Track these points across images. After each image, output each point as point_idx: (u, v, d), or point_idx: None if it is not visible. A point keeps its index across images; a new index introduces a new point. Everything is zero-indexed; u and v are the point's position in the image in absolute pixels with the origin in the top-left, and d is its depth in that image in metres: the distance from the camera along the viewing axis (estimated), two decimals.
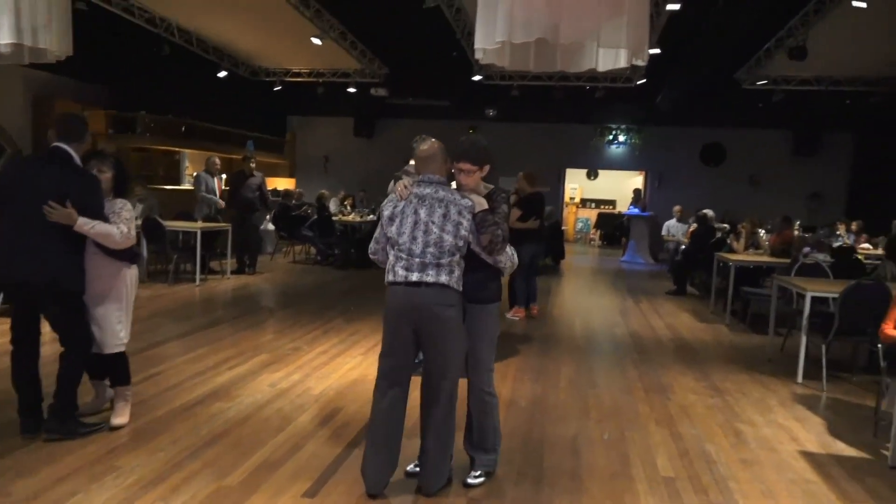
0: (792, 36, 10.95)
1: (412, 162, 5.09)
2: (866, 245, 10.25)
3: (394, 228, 3.06)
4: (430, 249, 2.97)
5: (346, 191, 14.61)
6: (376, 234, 3.21)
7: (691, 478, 3.49)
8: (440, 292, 2.98)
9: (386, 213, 3.12)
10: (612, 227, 18.14)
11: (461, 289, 3.06)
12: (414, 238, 3.00)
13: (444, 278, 2.98)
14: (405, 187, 3.09)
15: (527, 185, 7.40)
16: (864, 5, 8.46)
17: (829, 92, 13.84)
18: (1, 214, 3.52)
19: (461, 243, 3.01)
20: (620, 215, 17.05)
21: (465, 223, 3.00)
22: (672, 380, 5.34)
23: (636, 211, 14.55)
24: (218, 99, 15.04)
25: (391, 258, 3.09)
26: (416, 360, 3.19)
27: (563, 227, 15.49)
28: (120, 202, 3.72)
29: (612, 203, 19.95)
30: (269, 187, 12.72)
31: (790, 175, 16.25)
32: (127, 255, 3.73)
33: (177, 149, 14.29)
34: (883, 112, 14.18)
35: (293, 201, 12.94)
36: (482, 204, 3.07)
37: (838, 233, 10.34)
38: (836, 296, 5.17)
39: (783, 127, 16.00)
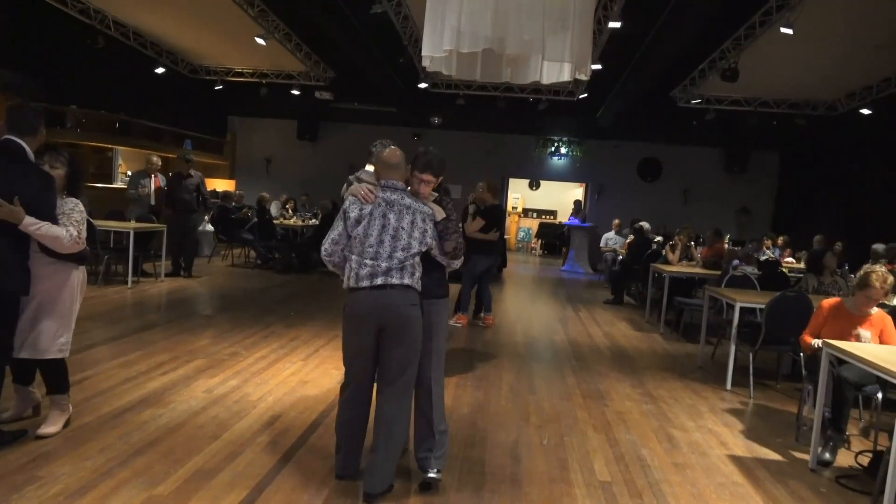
0: (724, 58, 11.48)
1: (368, 167, 5.10)
2: (790, 259, 10.80)
3: (360, 231, 3.09)
4: (398, 254, 3.08)
5: (287, 194, 14.37)
6: (334, 235, 3.18)
7: (627, 482, 3.58)
8: (404, 293, 3.10)
9: (352, 215, 3.12)
10: (553, 237, 18.51)
11: (420, 289, 3.19)
12: (381, 242, 3.07)
13: (407, 280, 3.10)
14: (370, 192, 3.12)
15: (489, 197, 7.44)
16: (790, 32, 8.94)
17: (757, 112, 14.57)
18: None
19: (424, 249, 3.18)
20: (561, 225, 17.43)
21: (430, 230, 3.18)
22: (609, 387, 5.47)
23: (576, 222, 14.89)
24: (155, 96, 14.56)
25: (353, 263, 3.10)
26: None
27: (505, 237, 15.69)
28: (72, 202, 3.54)
29: (554, 213, 20.36)
30: (209, 188, 12.39)
31: (721, 190, 16.99)
32: (74, 257, 3.53)
33: (109, 146, 13.73)
34: (806, 133, 15.03)
35: (233, 203, 12.65)
36: (440, 212, 3.23)
37: (765, 247, 10.85)
38: (762, 306, 5.42)
39: (715, 144, 16.73)
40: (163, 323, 6.60)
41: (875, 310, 4.27)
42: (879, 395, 4.00)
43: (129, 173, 10.96)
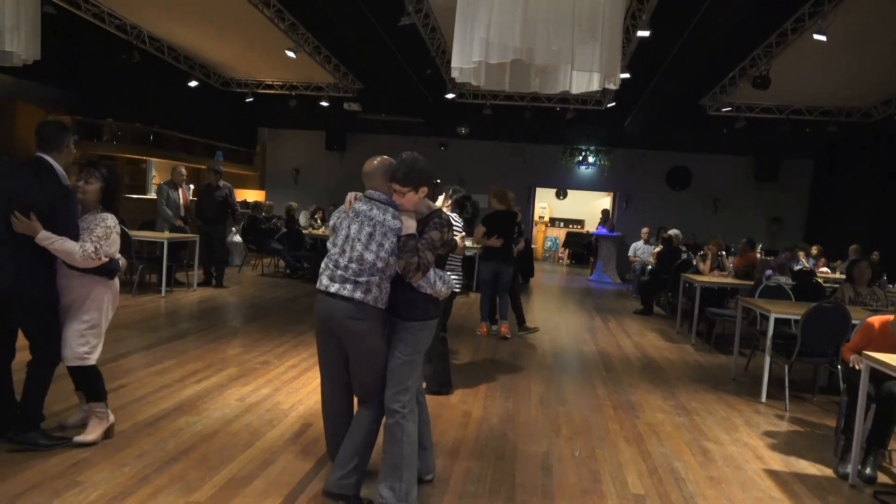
0: (755, 65, 11.33)
1: None
2: (825, 269, 10.58)
3: (331, 238, 3.17)
4: (352, 265, 3.01)
5: (316, 204, 14.53)
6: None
7: (661, 495, 3.53)
8: (352, 307, 2.99)
9: (331, 222, 3.22)
10: (581, 247, 18.38)
11: (381, 306, 3.04)
12: (343, 251, 3.06)
13: (358, 295, 2.99)
14: (349, 201, 3.15)
15: (495, 203, 7.44)
16: (824, 39, 8.80)
17: (790, 120, 14.33)
18: None
19: (381, 264, 2.99)
20: (588, 235, 17.32)
21: (388, 245, 2.98)
22: (640, 398, 5.41)
23: (604, 231, 14.76)
24: (188, 108, 14.87)
25: (322, 265, 3.16)
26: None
27: (532, 246, 15.65)
28: (100, 217, 3.58)
29: (581, 223, 20.23)
30: (239, 199, 12.56)
31: (752, 199, 16.72)
32: (100, 271, 3.58)
33: (144, 157, 14.04)
34: (841, 141, 14.73)
35: (262, 214, 12.82)
36: (410, 228, 2.99)
37: (800, 257, 10.64)
38: (798, 317, 5.32)
39: (745, 153, 16.49)
40: (195, 332, 6.71)
41: None
42: None
43: (157, 185, 11.17)
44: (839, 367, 4.50)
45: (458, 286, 5.08)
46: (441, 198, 5.18)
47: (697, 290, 7.83)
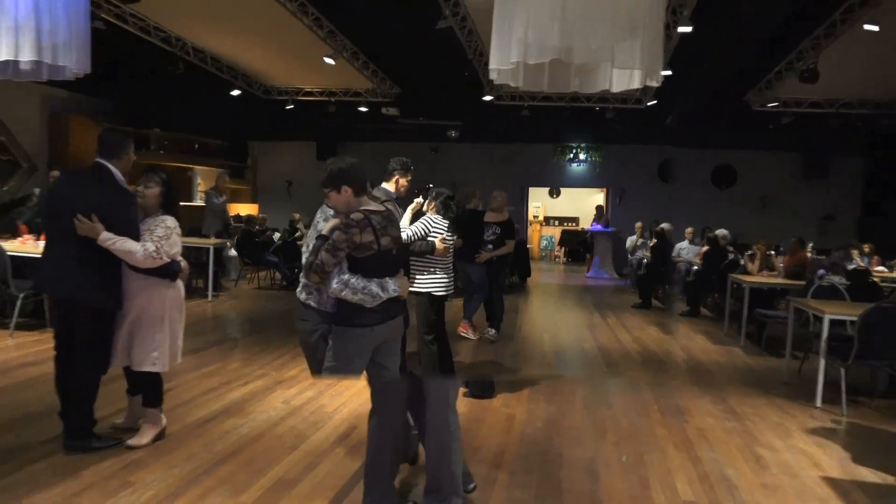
0: (802, 59, 10.98)
1: (384, 184, 5.12)
2: (881, 268, 10.17)
3: None
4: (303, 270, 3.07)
5: (311, 217, 14.53)
6: None
7: (713, 503, 3.43)
8: (299, 307, 3.14)
9: None
10: (576, 244, 18.16)
11: (326, 308, 3.02)
12: None
13: (303, 296, 3.12)
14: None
15: (471, 204, 7.39)
16: (876, 29, 8.47)
17: (839, 114, 13.84)
18: (48, 229, 3.57)
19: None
20: (584, 232, 17.13)
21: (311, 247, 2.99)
22: (689, 402, 5.27)
23: (599, 227, 14.63)
24: (231, 116, 15.16)
25: None
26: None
27: (528, 246, 15.50)
28: (160, 219, 3.67)
29: (576, 220, 20.06)
30: (231, 213, 12.60)
31: (800, 197, 16.21)
32: (162, 273, 3.66)
33: (189, 165, 14.39)
34: (892, 135, 14.16)
35: (256, 227, 12.84)
36: (325, 229, 2.97)
37: (855, 256, 10.24)
38: (854, 318, 5.11)
39: (793, 149, 15.99)
40: (240, 336, 6.82)
41: None
42: None
43: (204, 191, 11.39)
44: None
45: (442, 290, 4.95)
46: (422, 201, 5.05)
47: (746, 290, 7.60)
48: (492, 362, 6.37)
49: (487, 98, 14.12)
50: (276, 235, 12.25)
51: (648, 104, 13.79)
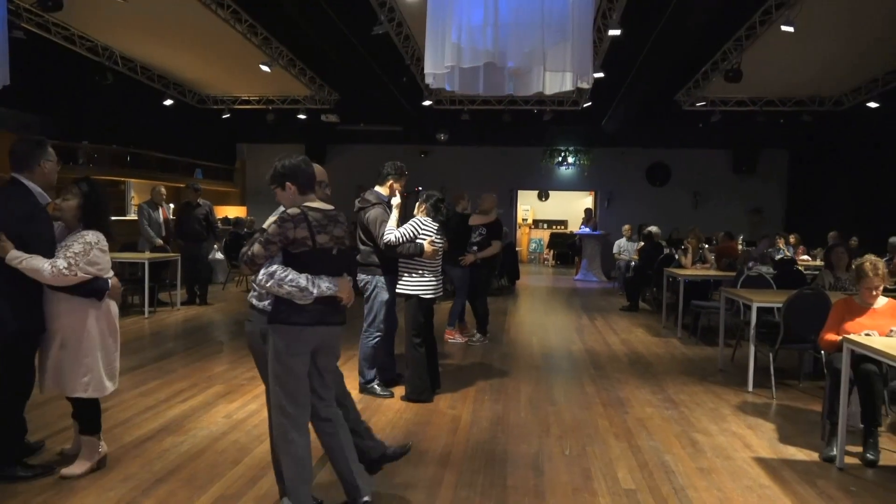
0: (727, 59, 11.47)
1: (377, 188, 5.17)
2: (805, 257, 10.70)
3: None
4: None
5: None
6: None
7: (652, 489, 3.54)
8: (250, 310, 3.13)
9: None
10: (565, 247, 18.47)
11: (266, 309, 2.99)
12: None
13: (253, 295, 3.10)
14: None
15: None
16: (791, 29, 8.93)
17: (764, 111, 14.51)
18: None
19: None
20: (572, 235, 17.38)
21: None
22: (629, 394, 5.42)
23: (587, 230, 14.86)
24: (165, 127, 14.77)
25: None
26: None
27: (517, 249, 15.69)
28: (80, 235, 3.42)
29: (564, 223, 20.35)
30: (220, 216, 12.49)
31: (731, 191, 16.89)
32: (86, 293, 3.43)
33: (122, 178, 13.92)
34: (815, 130, 14.94)
35: (245, 230, 12.73)
36: (268, 223, 3.01)
37: (780, 246, 10.76)
38: (780, 305, 5.37)
39: (723, 146, 16.66)
40: (180, 351, 6.65)
41: (885, 300, 4.23)
42: None
43: (138, 205, 11.09)
44: (822, 352, 4.55)
45: (430, 292, 5.01)
46: (399, 201, 5.11)
47: (681, 283, 7.88)
48: (479, 364, 6.42)
49: (427, 103, 14.19)
50: None
51: (584, 106, 14.12)
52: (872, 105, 12.58)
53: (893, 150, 12.51)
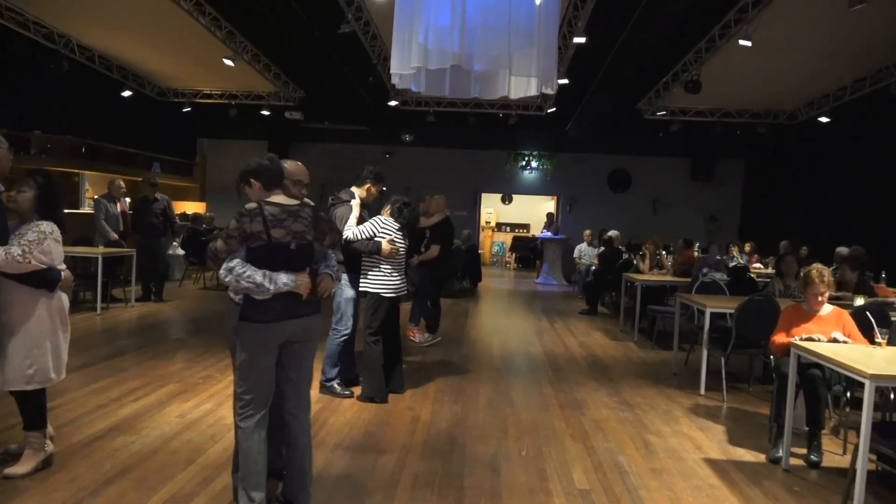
0: (687, 70, 11.76)
1: (353, 189, 5.17)
2: (758, 265, 11.02)
3: None
4: None
5: None
6: None
7: (605, 489, 3.60)
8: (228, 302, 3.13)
9: None
10: (527, 250, 18.64)
11: (240, 304, 2.99)
12: None
13: (230, 293, 3.08)
14: None
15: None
16: (749, 44, 9.20)
17: (721, 122, 14.92)
18: None
19: None
20: (534, 238, 17.56)
21: None
22: (586, 396, 5.51)
23: (549, 234, 15.03)
24: (123, 120, 14.40)
25: None
26: None
27: (479, 251, 15.77)
28: (34, 224, 3.38)
29: (527, 227, 20.53)
30: (178, 211, 12.24)
31: (689, 199, 17.31)
32: (37, 283, 3.38)
33: (76, 171, 13.51)
34: (769, 142, 15.42)
35: (203, 225, 12.51)
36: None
37: (734, 253, 11.07)
38: (732, 311, 5.52)
39: (682, 154, 17.07)
40: (134, 348, 6.49)
41: (830, 307, 4.39)
42: (848, 394, 4.10)
43: (94, 198, 10.78)
44: (771, 357, 4.70)
45: (392, 291, 5.04)
46: (358, 201, 5.17)
47: (638, 288, 8.03)
48: (439, 364, 6.42)
49: (392, 103, 14.16)
50: None
51: (549, 111, 14.29)
52: (824, 119, 13.05)
53: (842, 164, 13.00)
